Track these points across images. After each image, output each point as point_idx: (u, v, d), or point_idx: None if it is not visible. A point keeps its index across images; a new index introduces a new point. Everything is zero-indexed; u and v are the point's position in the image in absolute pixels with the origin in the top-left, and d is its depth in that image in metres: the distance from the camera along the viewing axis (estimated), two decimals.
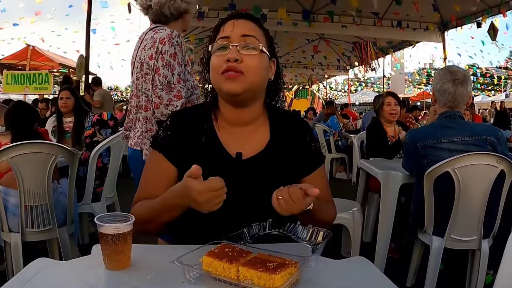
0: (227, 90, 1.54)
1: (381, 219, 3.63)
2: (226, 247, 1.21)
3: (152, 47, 2.64)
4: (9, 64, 14.86)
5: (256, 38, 1.57)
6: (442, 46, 13.61)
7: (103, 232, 1.27)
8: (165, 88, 2.56)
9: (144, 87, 2.69)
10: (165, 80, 2.57)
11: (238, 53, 1.52)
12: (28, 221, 3.21)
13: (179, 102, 2.56)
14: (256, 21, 1.65)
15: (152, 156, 1.69)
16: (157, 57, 2.59)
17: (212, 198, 1.31)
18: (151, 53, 2.64)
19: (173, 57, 2.60)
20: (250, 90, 1.56)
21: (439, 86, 3.10)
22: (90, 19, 8.19)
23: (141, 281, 1.19)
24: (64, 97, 4.76)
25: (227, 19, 1.63)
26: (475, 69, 32.77)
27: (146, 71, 2.66)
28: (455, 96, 3.06)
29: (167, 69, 2.58)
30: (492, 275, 3.32)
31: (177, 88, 2.59)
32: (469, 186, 2.87)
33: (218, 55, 1.55)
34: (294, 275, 1.12)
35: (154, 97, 2.58)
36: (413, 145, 3.11)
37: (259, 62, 1.56)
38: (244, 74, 1.52)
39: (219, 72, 1.53)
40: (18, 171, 3.07)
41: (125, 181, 5.94)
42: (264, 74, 1.61)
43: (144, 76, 2.68)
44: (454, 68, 3.18)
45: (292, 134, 1.72)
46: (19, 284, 1.16)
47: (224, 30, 1.59)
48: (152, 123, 2.67)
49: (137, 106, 2.81)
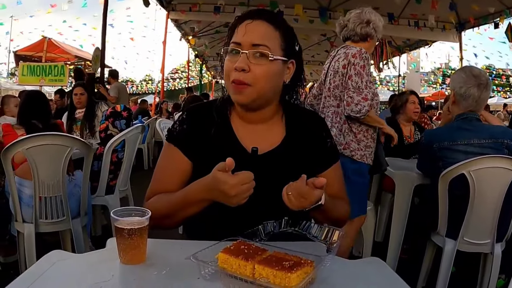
0: (235, 100, 1.56)
1: (394, 219, 3.61)
2: (241, 244, 1.21)
3: (344, 59, 3.21)
4: (25, 56, 14.93)
5: (267, 46, 1.53)
6: (458, 46, 13.47)
7: (119, 226, 1.27)
8: (356, 91, 3.10)
9: (334, 91, 3.29)
10: (356, 85, 3.11)
11: (247, 61, 1.50)
12: (42, 212, 3.23)
13: (365, 103, 3.08)
14: (273, 21, 1.60)
15: (167, 149, 1.69)
16: (350, 67, 3.14)
17: (243, 191, 1.34)
18: (344, 64, 3.21)
19: (363, 68, 3.14)
20: (258, 99, 1.56)
21: (464, 90, 3.02)
22: (107, 11, 8.20)
23: (156, 276, 1.20)
24: (78, 93, 5.09)
25: (242, 19, 1.59)
26: (493, 69, 32.44)
27: (338, 77, 3.24)
28: (479, 101, 3.02)
29: (358, 76, 3.12)
30: (504, 280, 3.30)
31: (365, 92, 3.11)
32: (484, 189, 2.84)
33: (229, 60, 1.55)
34: (310, 274, 1.11)
35: (347, 97, 3.13)
36: (429, 146, 3.09)
37: (268, 72, 1.53)
38: (251, 85, 1.51)
39: (229, 79, 1.54)
40: (33, 162, 3.09)
41: (139, 174, 5.99)
42: (275, 81, 1.59)
43: (336, 82, 3.27)
44: (476, 70, 3.12)
45: (308, 131, 1.71)
46: (33, 277, 1.16)
47: (238, 33, 1.56)
48: (340, 116, 3.27)
49: (328, 105, 3.41)
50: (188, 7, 12.20)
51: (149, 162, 9.74)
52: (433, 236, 3.22)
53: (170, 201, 1.55)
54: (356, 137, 3.27)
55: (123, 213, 1.30)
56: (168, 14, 12.74)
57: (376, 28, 3.37)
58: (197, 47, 18.32)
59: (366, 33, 3.36)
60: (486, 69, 33.76)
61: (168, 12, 12.66)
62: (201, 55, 20.10)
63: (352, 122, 3.25)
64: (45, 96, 4.16)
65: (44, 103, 3.95)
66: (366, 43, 3.38)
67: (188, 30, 15.13)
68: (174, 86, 41.18)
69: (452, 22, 12.25)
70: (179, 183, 1.58)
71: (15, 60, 15.05)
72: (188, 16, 12.79)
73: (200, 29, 14.86)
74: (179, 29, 15.06)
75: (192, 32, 14.98)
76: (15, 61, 15.44)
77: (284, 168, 1.61)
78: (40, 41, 14.46)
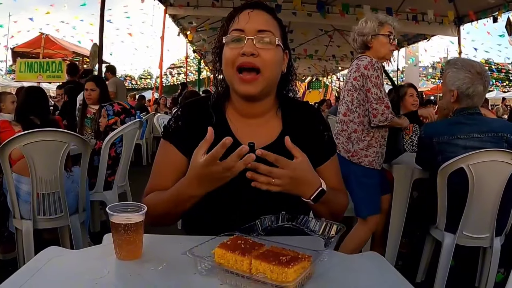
0: (243, 93, 1.54)
1: (393, 213, 3.61)
2: (238, 239, 1.20)
3: (356, 71, 3.34)
4: (22, 52, 14.92)
5: (271, 32, 1.54)
6: (457, 40, 13.47)
7: (115, 222, 1.27)
8: (378, 102, 3.24)
9: (346, 99, 3.43)
10: (376, 96, 3.24)
11: (254, 46, 1.50)
12: (40, 208, 3.23)
13: (387, 111, 3.24)
14: (271, 12, 1.62)
15: (163, 146, 1.68)
16: (365, 80, 3.28)
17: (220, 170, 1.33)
18: (355, 76, 3.34)
19: (378, 78, 3.27)
20: (265, 88, 1.55)
21: (472, 90, 2.99)
22: (104, 5, 8.18)
23: (153, 272, 1.19)
24: (89, 89, 4.80)
25: (241, 9, 1.59)
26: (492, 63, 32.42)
27: (349, 87, 3.39)
28: (483, 96, 3.03)
29: (376, 88, 3.25)
30: (503, 273, 3.30)
31: (386, 100, 3.27)
32: (483, 183, 2.84)
33: (233, 48, 1.53)
34: (307, 269, 1.10)
35: (371, 110, 3.27)
36: (429, 140, 3.07)
37: (275, 57, 1.54)
38: (261, 71, 1.50)
39: (233, 66, 1.51)
40: (31, 158, 3.08)
41: (137, 170, 5.98)
42: (279, 68, 1.60)
43: (347, 91, 3.42)
44: (477, 66, 3.08)
45: (304, 124, 1.70)
46: (31, 272, 1.16)
47: (239, 21, 1.56)
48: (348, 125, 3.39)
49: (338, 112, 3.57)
50: (186, 2, 12.19)
51: (147, 158, 9.74)
52: (432, 230, 3.22)
53: (163, 199, 1.54)
54: (367, 145, 3.35)
55: (119, 208, 1.30)
56: (166, 10, 12.73)
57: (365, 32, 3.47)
58: (195, 42, 18.32)
59: (362, 42, 3.50)
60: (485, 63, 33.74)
61: (166, 8, 12.65)
62: (199, 50, 20.08)
63: (365, 131, 3.34)
64: (44, 92, 4.14)
65: (43, 99, 3.93)
66: (371, 50, 3.47)
67: (186, 25, 15.12)
68: (172, 81, 41.18)
69: (450, 16, 12.20)
70: (176, 180, 1.57)
71: (13, 57, 15.04)
72: (186, 11, 12.78)
73: (198, 24, 14.84)
74: (177, 24, 15.05)
75: (190, 27, 14.96)
76: (12, 58, 15.42)
77: None
78: (38, 37, 14.43)
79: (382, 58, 3.48)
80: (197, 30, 15.45)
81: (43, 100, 3.94)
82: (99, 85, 4.84)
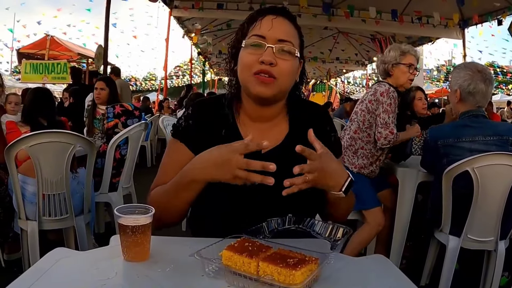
0: (257, 93, 1.52)
1: (398, 216, 3.60)
2: (246, 242, 1.21)
3: (373, 94, 3.56)
4: (28, 53, 14.94)
5: (292, 43, 1.53)
6: (462, 43, 13.44)
7: (122, 224, 1.27)
8: (383, 126, 3.44)
9: (358, 118, 3.63)
10: (383, 121, 3.45)
11: (273, 55, 1.48)
12: (45, 209, 3.24)
13: (391, 136, 3.42)
14: (293, 20, 1.60)
15: (172, 144, 1.68)
16: (379, 105, 3.49)
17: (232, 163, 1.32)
18: (370, 99, 3.57)
19: (389, 105, 3.47)
20: (279, 94, 1.55)
21: (472, 87, 3.01)
22: (110, 7, 8.21)
23: (160, 274, 1.19)
24: (98, 88, 4.79)
25: (264, 13, 1.57)
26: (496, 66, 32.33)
27: (363, 108, 3.59)
28: (486, 95, 3.02)
29: (385, 113, 3.45)
30: (508, 277, 3.30)
31: (391, 126, 3.45)
32: (488, 186, 2.84)
33: (251, 53, 1.51)
34: (315, 272, 1.11)
35: (377, 133, 3.48)
36: (434, 143, 3.08)
37: (292, 68, 1.54)
38: (277, 79, 1.49)
39: (250, 71, 1.50)
40: (37, 159, 3.10)
41: (142, 172, 5.99)
42: (294, 78, 1.60)
43: (361, 111, 3.62)
44: (479, 66, 3.12)
45: (312, 124, 1.68)
46: (37, 274, 1.16)
47: (261, 27, 1.54)
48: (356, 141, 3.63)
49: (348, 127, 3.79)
50: (191, 4, 12.21)
51: (152, 160, 9.75)
52: (436, 233, 3.22)
53: (166, 189, 1.55)
54: (370, 162, 3.60)
55: (126, 210, 1.30)
56: (171, 12, 12.75)
57: (388, 61, 3.66)
58: (200, 44, 18.34)
59: (384, 69, 3.69)
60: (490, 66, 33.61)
61: (171, 10, 12.67)
62: (204, 53, 20.09)
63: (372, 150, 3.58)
64: (51, 93, 4.16)
65: (50, 100, 3.95)
66: (392, 77, 3.66)
67: (190, 27, 15.13)
68: (177, 83, 41.28)
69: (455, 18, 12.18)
70: None
71: (18, 58, 15.06)
72: (191, 13, 12.79)
73: (203, 26, 14.86)
74: (181, 26, 15.07)
75: (194, 30, 14.97)
76: (17, 59, 15.45)
77: (288, 165, 1.60)
78: (43, 39, 14.45)
79: (401, 85, 3.65)
80: (201, 33, 15.46)
81: (51, 101, 3.95)
82: (109, 85, 4.83)
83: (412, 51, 3.66)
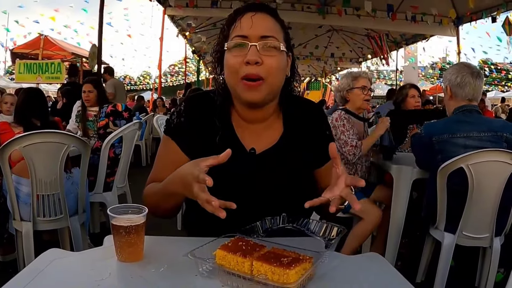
0: (247, 100, 1.50)
1: (393, 213, 3.60)
2: (239, 241, 1.20)
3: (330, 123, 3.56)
4: (21, 53, 14.87)
5: (276, 38, 1.49)
6: (456, 40, 13.47)
7: (116, 224, 1.26)
8: (344, 145, 3.63)
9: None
10: (343, 141, 3.65)
11: (258, 53, 1.45)
12: (40, 210, 3.22)
13: (353, 149, 3.62)
14: (274, 14, 1.56)
15: (165, 141, 1.67)
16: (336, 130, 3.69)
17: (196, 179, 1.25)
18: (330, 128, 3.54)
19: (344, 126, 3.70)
20: (269, 94, 1.52)
21: (459, 79, 3.02)
22: (103, 6, 8.18)
23: (154, 274, 1.19)
24: (86, 90, 4.77)
25: (243, 12, 1.53)
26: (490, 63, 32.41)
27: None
28: (475, 88, 3.02)
29: (342, 134, 3.67)
30: (503, 273, 3.30)
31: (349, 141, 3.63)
32: (483, 183, 2.84)
33: (236, 55, 1.48)
34: (309, 271, 1.11)
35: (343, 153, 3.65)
36: (428, 139, 3.07)
37: (279, 63, 1.50)
38: (265, 79, 1.46)
39: (237, 75, 1.47)
40: (31, 160, 3.08)
41: (137, 171, 5.98)
42: (283, 74, 1.56)
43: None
44: (466, 63, 3.17)
45: (307, 123, 1.68)
46: (32, 275, 1.16)
47: (241, 26, 1.50)
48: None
49: None
50: (185, 3, 12.17)
51: (147, 159, 9.74)
52: (431, 230, 3.22)
53: (155, 191, 1.55)
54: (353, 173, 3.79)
55: (120, 210, 1.29)
56: (164, 10, 12.73)
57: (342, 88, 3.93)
58: (194, 43, 18.31)
59: (340, 97, 3.99)
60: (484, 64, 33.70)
61: (165, 8, 12.65)
62: (198, 51, 20.06)
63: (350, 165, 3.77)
64: (43, 93, 4.13)
65: (42, 100, 3.93)
66: (349, 102, 3.92)
67: (185, 26, 15.11)
68: (172, 82, 41.25)
69: (452, 14, 12.18)
70: None
71: (12, 58, 15.01)
72: (185, 11, 12.76)
73: (197, 25, 14.83)
74: (176, 25, 15.05)
75: (189, 28, 14.95)
76: (11, 59, 15.40)
77: (282, 165, 1.60)
78: (36, 38, 14.39)
79: (359, 108, 3.91)
80: (195, 31, 15.44)
81: (43, 102, 3.93)
82: (96, 87, 4.82)
83: (364, 74, 3.93)
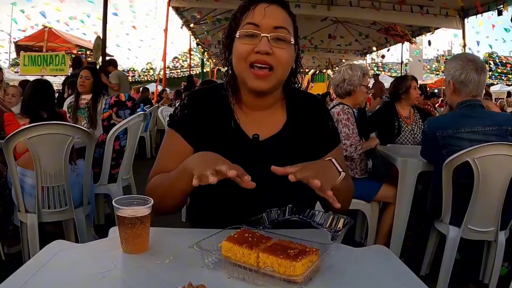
0: (255, 88, 1.52)
1: (398, 206, 3.59)
2: (245, 232, 1.20)
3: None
4: (26, 46, 14.91)
5: (287, 30, 1.52)
6: (461, 33, 13.38)
7: (121, 215, 1.26)
8: (346, 138, 3.66)
9: None
10: (345, 134, 3.68)
11: (269, 44, 1.47)
12: (45, 201, 3.23)
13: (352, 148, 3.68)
14: (286, 7, 1.58)
15: (169, 134, 1.68)
16: (338, 123, 3.67)
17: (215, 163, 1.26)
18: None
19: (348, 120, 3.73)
20: (277, 84, 1.55)
21: (463, 77, 2.99)
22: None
23: (159, 265, 1.19)
24: (83, 76, 4.77)
25: (256, 1, 1.54)
26: (496, 57, 32.25)
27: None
28: (479, 85, 3.00)
29: (346, 128, 3.69)
30: (507, 267, 3.30)
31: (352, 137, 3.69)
32: (488, 176, 2.83)
33: (246, 43, 1.50)
34: (315, 263, 1.10)
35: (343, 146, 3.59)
36: (433, 134, 3.06)
37: (289, 56, 1.53)
38: (274, 69, 1.49)
39: (246, 62, 1.49)
40: (35, 152, 3.08)
41: (141, 163, 5.98)
42: (290, 66, 1.58)
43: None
44: (470, 56, 3.13)
45: (309, 114, 1.70)
46: (36, 267, 1.15)
47: (254, 16, 1.51)
48: None
49: None
50: None
51: (151, 151, 9.73)
52: (437, 223, 3.22)
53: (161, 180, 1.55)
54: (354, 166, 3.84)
55: (125, 201, 1.29)
56: (169, 2, 12.70)
57: (353, 82, 3.86)
58: (198, 34, 18.27)
59: (345, 90, 3.89)
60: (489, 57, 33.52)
61: (169, 0, 12.61)
62: (203, 43, 20.03)
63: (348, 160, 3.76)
64: (52, 85, 4.13)
65: (51, 92, 3.94)
66: (352, 97, 3.90)
67: (189, 17, 15.08)
68: (176, 73, 41.24)
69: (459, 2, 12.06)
70: None
71: (16, 51, 15.06)
72: (189, 3, 12.74)
73: (201, 16, 14.79)
74: (180, 16, 15.02)
75: (193, 20, 14.92)
76: (16, 51, 15.43)
77: (285, 153, 1.60)
78: (41, 30, 14.42)
79: (358, 104, 4.01)
80: (200, 23, 15.40)
81: (51, 94, 3.94)
82: (93, 75, 4.83)
83: (368, 73, 3.99)
